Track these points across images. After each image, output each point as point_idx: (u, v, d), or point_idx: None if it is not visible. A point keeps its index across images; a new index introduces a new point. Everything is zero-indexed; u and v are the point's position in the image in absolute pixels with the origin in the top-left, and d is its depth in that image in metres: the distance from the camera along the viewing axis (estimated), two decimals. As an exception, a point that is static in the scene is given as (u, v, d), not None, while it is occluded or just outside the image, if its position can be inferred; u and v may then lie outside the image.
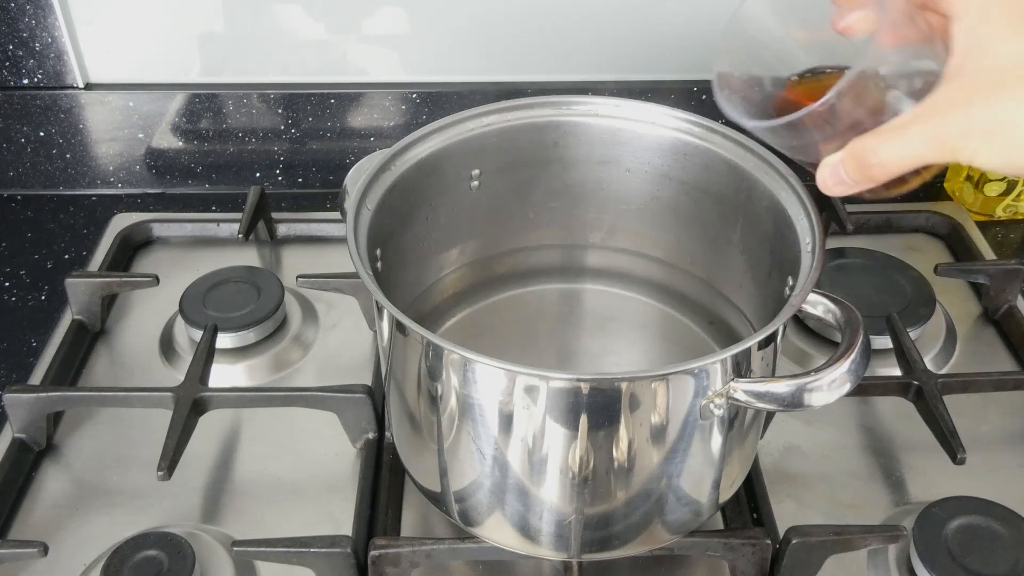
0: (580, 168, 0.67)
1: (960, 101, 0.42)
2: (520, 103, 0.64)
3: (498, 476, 0.53)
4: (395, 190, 0.59)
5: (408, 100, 0.93)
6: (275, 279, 0.79)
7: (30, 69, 0.89)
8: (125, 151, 0.94)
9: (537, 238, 0.71)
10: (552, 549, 0.56)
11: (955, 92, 0.43)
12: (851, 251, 0.83)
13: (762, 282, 0.62)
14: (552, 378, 0.48)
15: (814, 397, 0.48)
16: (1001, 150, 0.41)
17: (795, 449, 0.69)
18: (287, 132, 0.94)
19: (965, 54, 0.43)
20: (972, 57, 0.43)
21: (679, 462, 0.52)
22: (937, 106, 0.43)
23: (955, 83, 0.43)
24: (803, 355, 0.76)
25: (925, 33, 0.46)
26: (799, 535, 0.59)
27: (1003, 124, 0.41)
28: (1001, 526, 0.59)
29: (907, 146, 0.43)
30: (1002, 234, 0.92)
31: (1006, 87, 0.41)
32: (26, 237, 0.91)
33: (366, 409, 0.67)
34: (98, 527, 0.64)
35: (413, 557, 0.59)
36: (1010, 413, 0.72)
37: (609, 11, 0.90)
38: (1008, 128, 0.41)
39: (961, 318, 0.81)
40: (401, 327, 0.51)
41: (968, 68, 0.43)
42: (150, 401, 0.67)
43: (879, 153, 0.44)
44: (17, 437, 0.68)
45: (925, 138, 0.43)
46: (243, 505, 0.65)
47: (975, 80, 0.42)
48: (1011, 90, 0.41)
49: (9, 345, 0.78)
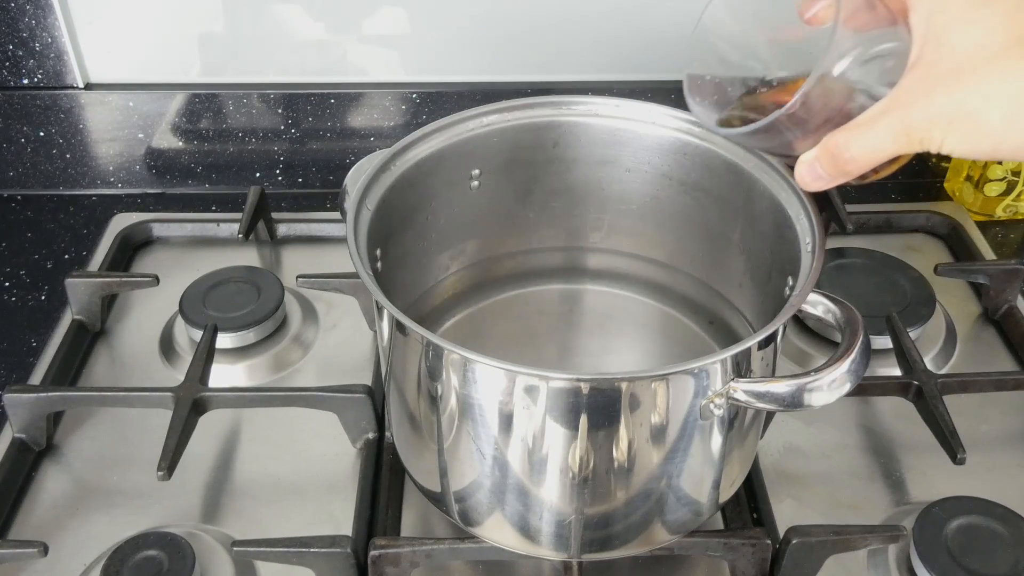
0: (580, 168, 0.67)
1: (922, 92, 0.43)
2: (520, 103, 0.64)
3: (498, 476, 0.53)
4: (395, 190, 0.59)
5: (408, 100, 0.93)
6: (275, 279, 0.79)
7: (30, 69, 0.89)
8: (125, 151, 0.94)
9: (537, 238, 0.71)
10: (552, 549, 0.56)
11: (917, 83, 0.43)
12: (851, 251, 0.83)
13: (762, 282, 0.62)
14: (552, 378, 0.48)
15: (814, 397, 0.48)
16: (966, 137, 0.42)
17: (795, 449, 0.69)
18: (287, 132, 0.94)
19: (923, 43, 0.44)
20: (929, 46, 0.43)
21: (679, 462, 0.52)
22: (901, 99, 0.44)
23: (916, 74, 0.44)
24: (803, 355, 0.76)
25: (886, 17, 0.46)
26: (799, 535, 0.59)
27: (966, 113, 0.42)
28: (1001, 526, 0.59)
29: (877, 140, 0.44)
30: (1002, 234, 0.92)
31: (964, 76, 0.42)
32: (26, 237, 0.91)
33: (366, 409, 0.67)
34: (98, 527, 0.64)
35: (413, 557, 0.59)
36: (1010, 413, 0.72)
37: (609, 11, 0.90)
38: (971, 116, 0.42)
39: (961, 318, 0.81)
40: (401, 327, 0.51)
41: (927, 58, 0.43)
42: (150, 401, 0.67)
43: (851, 148, 0.45)
44: (17, 437, 0.68)
45: (892, 131, 0.44)
46: (243, 505, 0.65)
47: (934, 70, 0.43)
48: (969, 79, 0.42)
49: (9, 345, 0.79)
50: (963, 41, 0.42)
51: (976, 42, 0.42)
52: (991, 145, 0.42)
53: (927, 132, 0.43)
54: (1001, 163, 0.89)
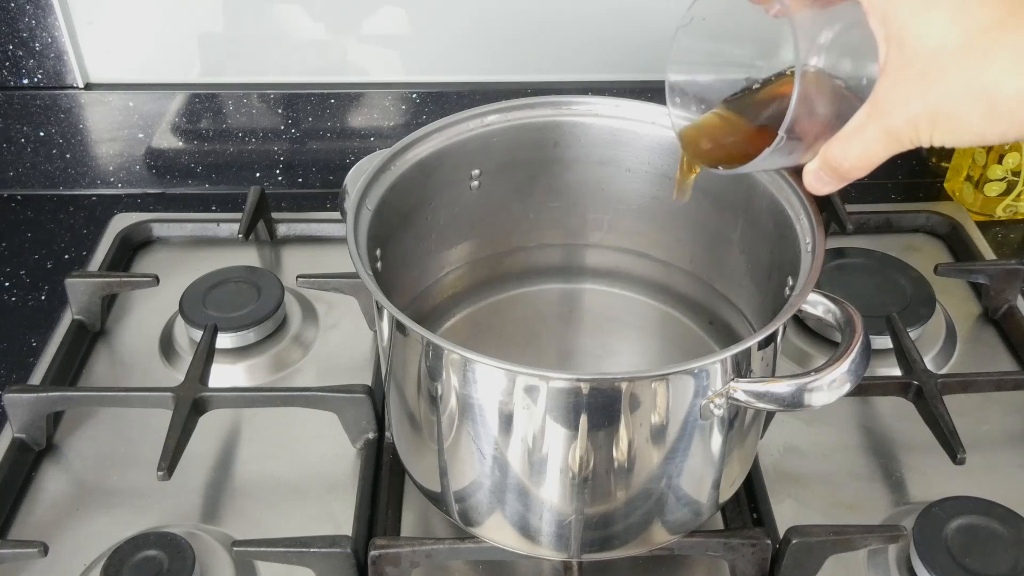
0: (580, 168, 0.67)
1: (898, 100, 0.44)
2: (520, 103, 0.64)
3: (498, 476, 0.53)
4: (395, 190, 0.59)
5: (408, 100, 0.93)
6: (275, 279, 0.79)
7: (30, 69, 0.89)
8: (125, 151, 0.94)
9: (537, 238, 0.71)
10: (552, 549, 0.56)
11: (891, 90, 0.44)
12: (851, 251, 0.83)
13: (762, 282, 0.62)
14: (552, 378, 0.48)
15: (814, 397, 0.48)
16: (951, 133, 0.43)
17: (795, 449, 0.69)
18: (287, 132, 0.94)
19: (887, 45, 0.44)
20: (893, 50, 0.44)
21: (679, 462, 0.52)
22: (881, 106, 0.45)
23: (888, 80, 0.45)
24: (803, 355, 0.76)
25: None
26: (799, 535, 0.59)
27: (944, 114, 0.43)
28: (1001, 526, 0.59)
29: (869, 147, 0.46)
30: (1002, 234, 0.92)
31: (933, 80, 0.43)
32: (26, 237, 0.91)
33: (366, 409, 0.67)
34: (98, 527, 0.64)
35: (413, 557, 0.59)
36: (1010, 413, 0.72)
37: (609, 11, 0.90)
38: (949, 117, 0.43)
39: (961, 318, 0.81)
40: (401, 327, 0.51)
41: (893, 61, 0.44)
42: (150, 401, 0.67)
43: (848, 158, 0.47)
44: (17, 437, 0.68)
45: (881, 136, 0.45)
46: (243, 505, 0.65)
47: (904, 75, 0.44)
48: (938, 82, 0.43)
49: (9, 345, 0.79)
50: (923, 44, 0.43)
51: (935, 43, 0.42)
52: (975, 138, 0.43)
53: (914, 133, 0.44)
54: (1001, 163, 0.89)
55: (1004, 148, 0.88)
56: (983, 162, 0.90)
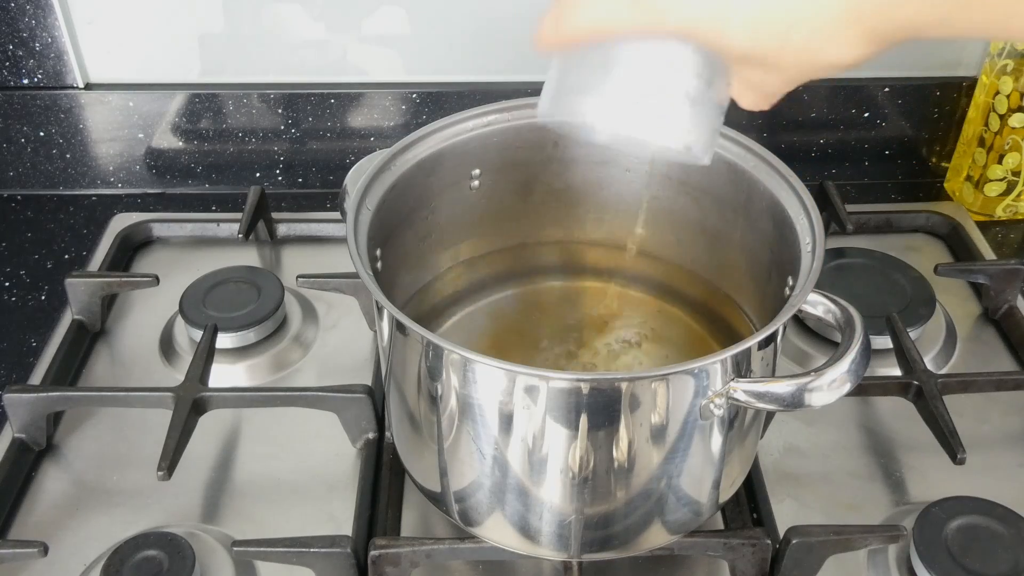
0: (580, 168, 0.67)
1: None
2: (520, 103, 0.64)
3: (498, 476, 0.53)
4: (395, 190, 0.59)
5: (408, 100, 0.93)
6: (275, 279, 0.79)
7: (30, 69, 0.89)
8: (125, 151, 0.94)
9: (537, 237, 0.71)
10: (552, 549, 0.56)
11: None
12: (851, 251, 0.83)
13: (762, 282, 0.62)
14: (552, 378, 0.48)
15: (814, 397, 0.48)
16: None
17: (795, 449, 0.69)
18: (287, 132, 0.94)
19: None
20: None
21: (679, 462, 0.52)
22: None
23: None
24: (803, 355, 0.76)
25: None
26: (799, 535, 0.59)
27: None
28: (1001, 526, 0.59)
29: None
30: (1002, 234, 0.92)
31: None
32: (26, 237, 0.91)
33: (366, 409, 0.67)
34: (98, 527, 0.64)
35: (413, 557, 0.59)
36: (1010, 413, 0.72)
37: (609, 11, 0.90)
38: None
39: (961, 318, 0.81)
40: (401, 327, 0.51)
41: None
42: (150, 401, 0.67)
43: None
44: (17, 437, 0.68)
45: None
46: (243, 505, 0.65)
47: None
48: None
49: (9, 345, 0.79)
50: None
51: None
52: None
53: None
54: (1001, 163, 0.89)
55: (1004, 148, 0.88)
56: (983, 162, 0.90)
